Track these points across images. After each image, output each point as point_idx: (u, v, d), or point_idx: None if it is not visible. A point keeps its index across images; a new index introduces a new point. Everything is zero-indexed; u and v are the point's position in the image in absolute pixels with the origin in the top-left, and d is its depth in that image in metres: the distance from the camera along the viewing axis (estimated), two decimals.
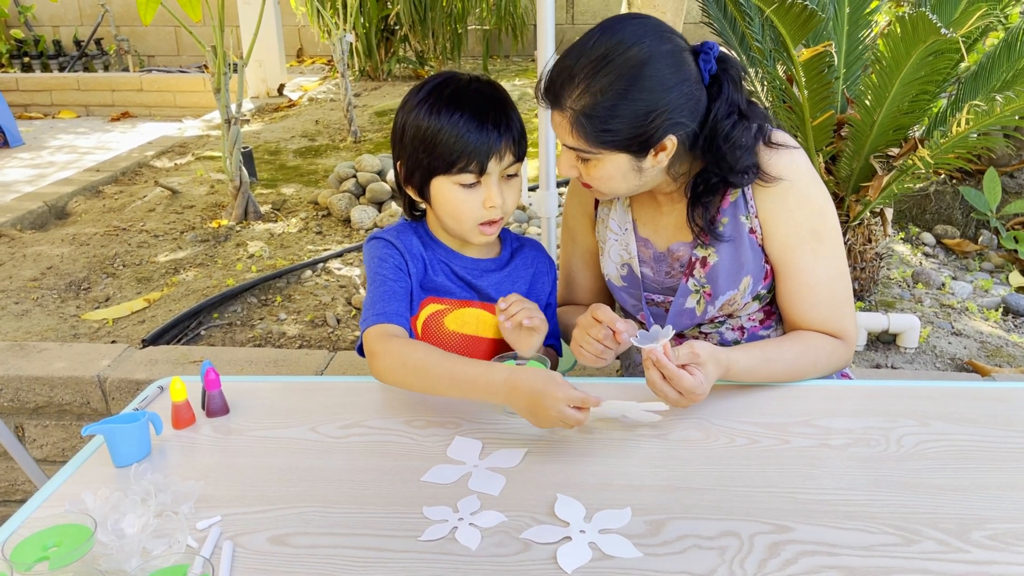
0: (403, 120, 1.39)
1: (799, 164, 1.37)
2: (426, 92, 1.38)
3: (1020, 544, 0.98)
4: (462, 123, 1.32)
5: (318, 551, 1.00)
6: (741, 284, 1.41)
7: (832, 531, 1.00)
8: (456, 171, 1.34)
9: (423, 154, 1.36)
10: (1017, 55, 2.18)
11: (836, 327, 1.39)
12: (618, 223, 1.50)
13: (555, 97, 1.29)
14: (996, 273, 3.23)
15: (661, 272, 1.48)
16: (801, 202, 1.37)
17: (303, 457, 1.21)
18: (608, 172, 1.32)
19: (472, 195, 1.36)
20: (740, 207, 1.38)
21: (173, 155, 4.99)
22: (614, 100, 1.23)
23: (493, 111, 1.34)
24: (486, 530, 1.03)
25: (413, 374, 1.29)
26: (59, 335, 2.59)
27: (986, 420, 1.24)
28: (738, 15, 2.37)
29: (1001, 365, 2.36)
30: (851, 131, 2.29)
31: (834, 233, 1.39)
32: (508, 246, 1.53)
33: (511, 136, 1.35)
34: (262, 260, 3.19)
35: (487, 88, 1.39)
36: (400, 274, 1.41)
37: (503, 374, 1.21)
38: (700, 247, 1.41)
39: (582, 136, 1.28)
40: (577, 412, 1.14)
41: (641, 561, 0.96)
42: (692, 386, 1.18)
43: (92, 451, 1.24)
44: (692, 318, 1.45)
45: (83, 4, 8.90)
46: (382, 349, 1.31)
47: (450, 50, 7.13)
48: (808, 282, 1.38)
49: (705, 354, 1.22)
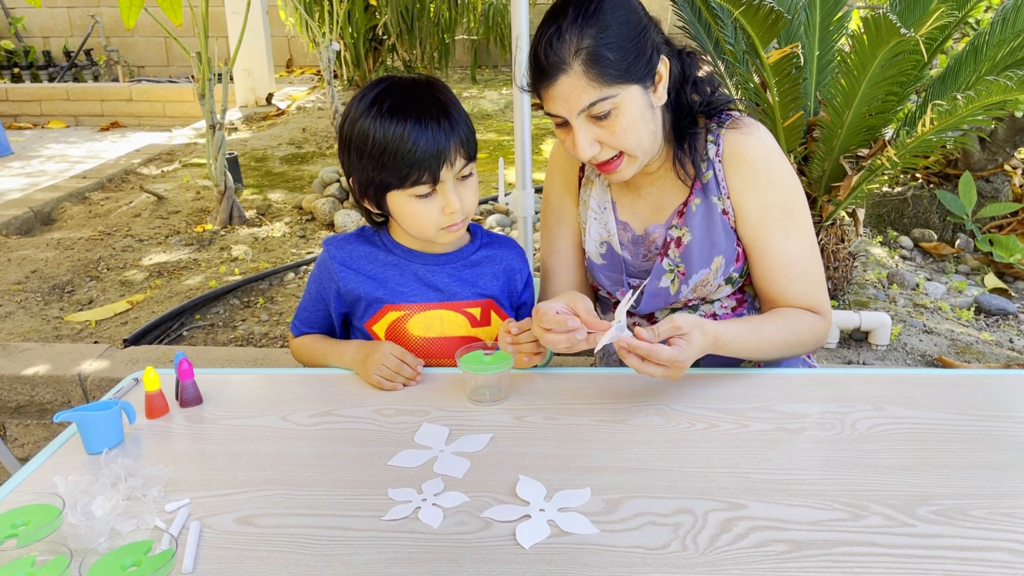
0: (347, 133, 1.38)
1: (767, 144, 1.41)
2: (367, 104, 1.35)
3: (964, 519, 1.01)
4: (407, 135, 1.31)
5: (283, 530, 1.03)
6: (713, 264, 1.44)
7: (783, 508, 1.03)
8: (410, 184, 1.34)
9: (373, 171, 1.36)
10: (982, 59, 2.23)
11: (812, 302, 1.43)
12: (597, 202, 1.52)
13: (557, 61, 1.28)
14: (972, 275, 3.28)
15: (639, 255, 1.51)
16: (773, 182, 1.41)
17: (272, 444, 1.23)
18: (632, 115, 1.31)
19: (430, 204, 1.36)
20: (712, 188, 1.42)
21: (160, 162, 5.02)
22: (613, 27, 1.27)
23: (437, 117, 1.33)
24: (448, 510, 1.05)
25: (308, 360, 1.55)
26: (42, 336, 2.61)
27: (939, 405, 1.28)
28: (711, 20, 2.42)
29: (970, 361, 2.40)
30: (822, 132, 2.34)
31: (804, 211, 1.43)
32: (477, 241, 1.53)
33: (459, 139, 1.34)
34: (245, 263, 3.22)
35: (428, 92, 1.37)
36: (318, 299, 1.53)
37: (349, 355, 1.44)
38: (675, 228, 1.45)
39: (599, 77, 1.27)
40: (393, 360, 1.35)
41: (597, 537, 0.99)
42: (671, 356, 1.21)
43: (66, 439, 1.26)
44: (667, 298, 1.48)
45: (73, 15, 8.94)
46: (293, 349, 1.61)
47: (437, 60, 7.19)
48: (783, 259, 1.42)
49: (688, 324, 1.24)
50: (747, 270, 1.48)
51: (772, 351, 1.39)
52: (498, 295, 1.51)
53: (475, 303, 1.49)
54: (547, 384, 1.39)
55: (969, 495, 1.05)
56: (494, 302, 1.50)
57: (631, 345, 1.22)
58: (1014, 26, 2.15)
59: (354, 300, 1.47)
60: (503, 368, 1.30)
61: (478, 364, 1.31)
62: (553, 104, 1.32)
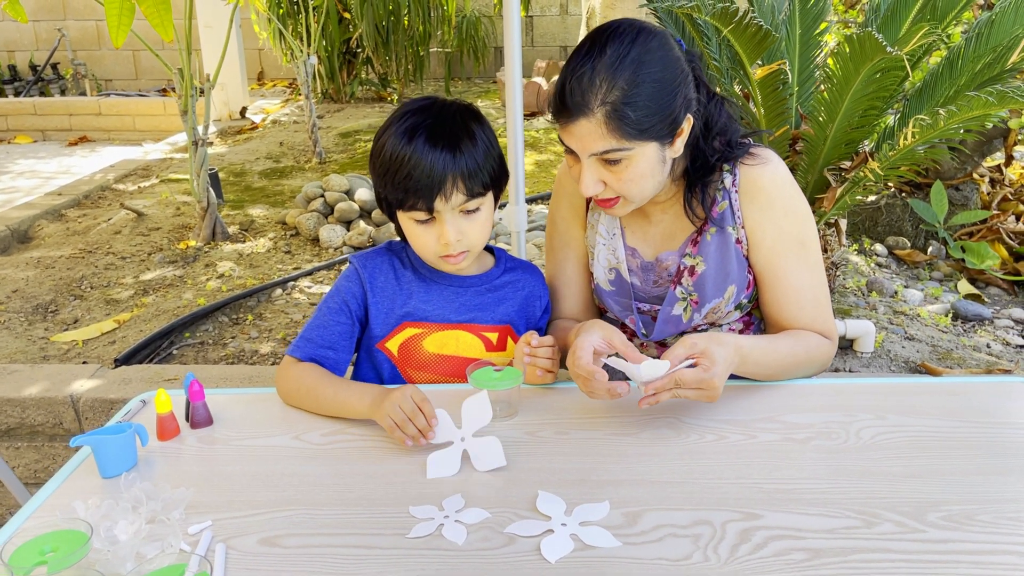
0: (376, 143, 1.40)
1: (782, 175, 1.44)
2: (395, 117, 1.38)
3: (971, 523, 1.04)
4: (409, 159, 1.31)
5: (309, 550, 1.04)
6: (726, 292, 1.47)
7: (798, 516, 1.07)
8: (407, 208, 1.36)
9: (382, 187, 1.39)
10: (958, 73, 2.30)
11: (822, 327, 1.46)
12: (606, 228, 1.53)
13: (581, 103, 1.27)
14: (945, 281, 3.36)
15: (649, 281, 1.53)
16: (788, 212, 1.44)
17: (288, 464, 1.24)
18: (641, 169, 1.32)
19: (428, 230, 1.37)
20: (727, 218, 1.44)
21: (136, 178, 4.97)
22: (644, 85, 1.26)
23: (445, 146, 1.32)
24: (471, 526, 1.07)
25: (306, 396, 1.38)
26: (28, 357, 2.58)
27: (938, 413, 1.32)
28: (696, 36, 2.47)
29: (952, 366, 2.46)
30: (805, 146, 2.39)
31: (815, 239, 1.46)
32: (501, 266, 1.53)
33: (462, 172, 1.33)
34: (232, 280, 3.20)
35: (451, 119, 1.36)
36: (342, 312, 1.45)
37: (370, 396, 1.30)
38: (688, 256, 1.47)
39: (618, 131, 1.27)
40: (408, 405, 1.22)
41: (621, 550, 1.01)
42: (697, 379, 1.22)
43: (78, 463, 1.25)
44: (678, 325, 1.51)
45: (39, 28, 8.82)
46: (283, 375, 1.42)
47: (412, 72, 7.20)
48: (795, 287, 1.45)
49: (703, 341, 1.25)
50: (755, 295, 1.51)
51: (784, 367, 1.41)
52: (516, 320, 1.52)
53: (494, 328, 1.50)
54: (557, 399, 1.41)
55: (974, 500, 1.09)
56: (512, 328, 1.52)
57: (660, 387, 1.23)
58: (988, 41, 2.22)
59: (375, 315, 1.46)
60: (513, 384, 1.32)
61: (488, 380, 1.33)
62: (568, 138, 1.33)
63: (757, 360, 1.35)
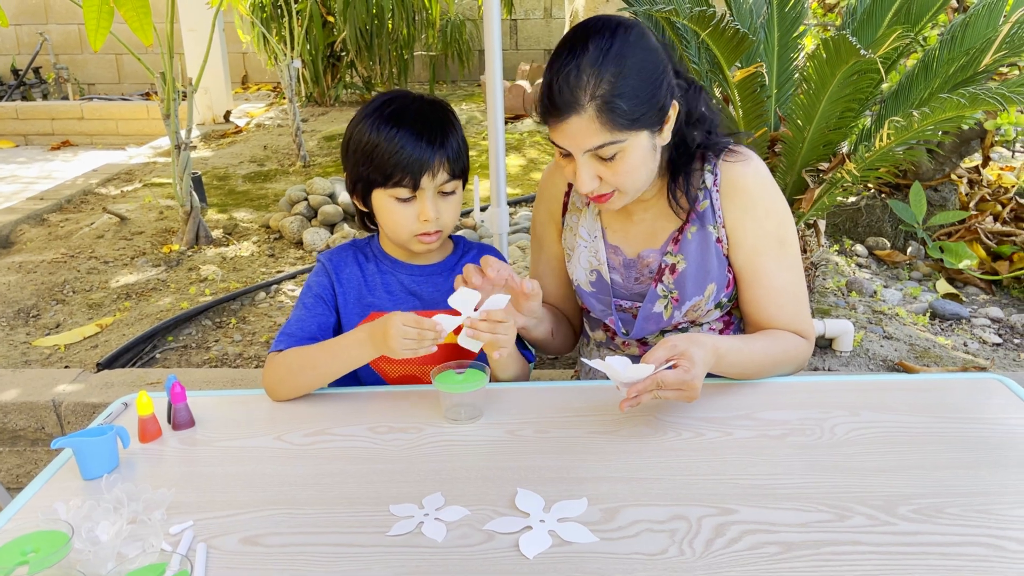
0: (349, 133, 1.47)
1: (763, 174, 1.47)
2: (372, 108, 1.45)
3: (941, 516, 1.07)
4: (398, 139, 1.39)
5: (290, 549, 1.05)
6: (706, 291, 1.49)
7: (771, 511, 1.09)
8: (391, 184, 1.42)
9: (363, 167, 1.44)
10: (932, 75, 2.33)
11: (799, 327, 1.49)
12: (588, 230, 1.57)
13: (571, 100, 1.29)
14: (924, 281, 3.40)
15: (630, 279, 1.55)
16: (768, 211, 1.46)
17: (269, 464, 1.25)
18: (635, 160, 1.34)
19: (407, 208, 1.43)
20: (708, 217, 1.47)
21: (119, 182, 4.95)
22: (630, 76, 1.28)
23: (431, 129, 1.41)
24: (451, 523, 1.08)
25: (298, 372, 1.41)
26: (10, 362, 2.57)
27: (909, 409, 1.34)
28: (675, 39, 2.49)
29: (929, 365, 2.50)
30: (784, 147, 2.42)
31: (794, 239, 1.49)
32: (458, 251, 1.60)
33: (446, 154, 1.42)
34: (215, 283, 3.20)
35: (430, 107, 1.46)
36: (319, 303, 1.51)
37: (369, 341, 1.36)
38: (669, 254, 1.50)
39: (610, 123, 1.29)
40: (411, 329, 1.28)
41: (598, 545, 1.03)
42: (679, 380, 1.24)
43: (60, 465, 1.26)
44: (659, 322, 1.53)
45: (20, 32, 8.77)
46: (270, 370, 1.44)
47: (396, 75, 7.21)
48: (775, 286, 1.47)
49: (683, 343, 1.28)
50: (735, 295, 1.53)
51: (760, 367, 1.43)
52: None
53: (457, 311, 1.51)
54: (535, 398, 1.43)
55: (944, 494, 1.11)
56: None
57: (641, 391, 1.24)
58: (962, 44, 2.26)
59: (344, 305, 1.52)
60: (477, 386, 1.33)
61: (452, 382, 1.34)
62: (561, 138, 1.35)
63: (732, 361, 1.37)
